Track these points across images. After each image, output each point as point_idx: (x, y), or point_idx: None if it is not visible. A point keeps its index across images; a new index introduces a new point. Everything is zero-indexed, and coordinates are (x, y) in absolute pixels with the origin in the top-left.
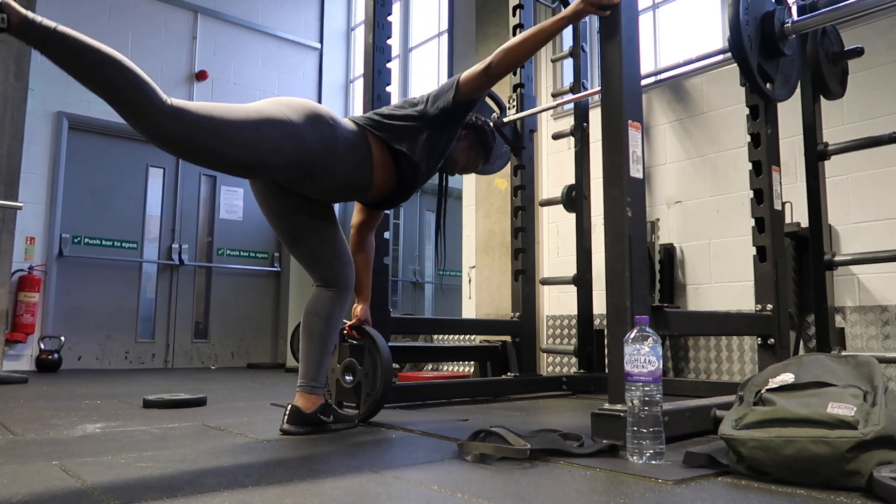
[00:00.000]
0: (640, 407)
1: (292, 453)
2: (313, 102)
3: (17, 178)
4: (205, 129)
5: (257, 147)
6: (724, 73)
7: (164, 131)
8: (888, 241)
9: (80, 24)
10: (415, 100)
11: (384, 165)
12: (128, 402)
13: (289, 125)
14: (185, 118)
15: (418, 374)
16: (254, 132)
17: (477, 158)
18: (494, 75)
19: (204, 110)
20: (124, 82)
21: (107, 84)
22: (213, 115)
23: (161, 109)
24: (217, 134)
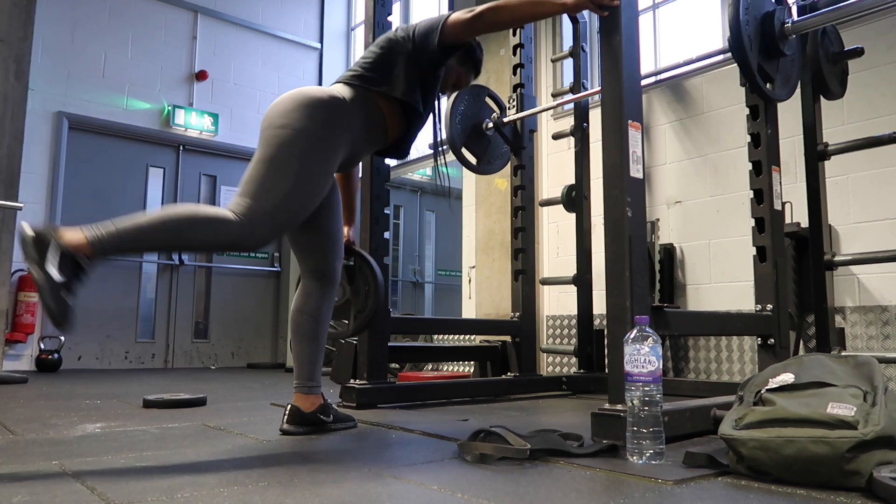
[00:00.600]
0: (640, 407)
1: (292, 453)
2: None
3: (17, 178)
4: (278, 215)
5: (316, 184)
6: (724, 73)
7: (252, 240)
8: (888, 241)
9: (80, 24)
10: (399, 35)
11: (393, 116)
12: (128, 402)
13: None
14: (258, 218)
15: (418, 374)
16: (307, 180)
17: (467, 73)
18: (480, 28)
19: (265, 197)
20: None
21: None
22: (275, 197)
23: (237, 229)
24: (289, 208)
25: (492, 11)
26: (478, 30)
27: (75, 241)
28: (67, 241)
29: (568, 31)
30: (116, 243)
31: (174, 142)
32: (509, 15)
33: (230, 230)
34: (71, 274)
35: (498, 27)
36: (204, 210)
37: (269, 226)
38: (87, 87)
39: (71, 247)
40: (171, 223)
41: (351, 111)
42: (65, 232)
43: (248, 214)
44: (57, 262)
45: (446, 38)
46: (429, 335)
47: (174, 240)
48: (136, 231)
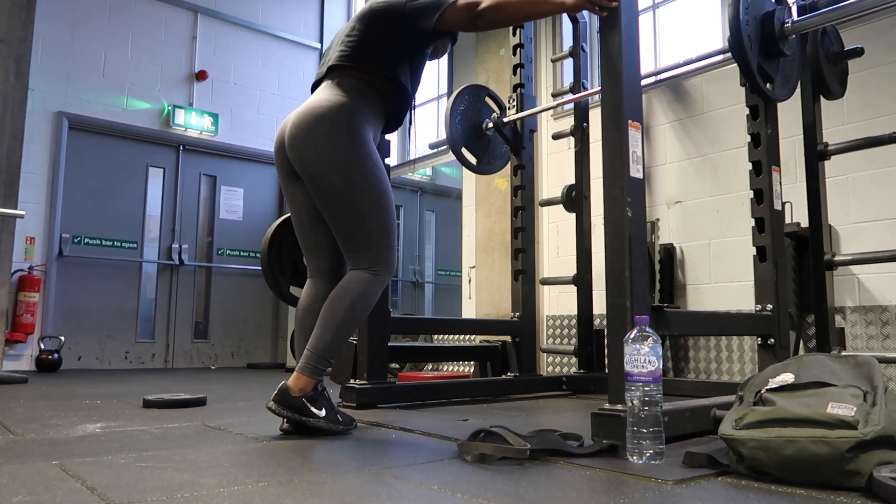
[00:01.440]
0: (640, 407)
1: (292, 453)
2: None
3: (17, 178)
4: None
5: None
6: (724, 73)
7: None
8: (888, 241)
9: (79, 24)
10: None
11: (386, 91)
12: (128, 402)
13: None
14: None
15: (418, 374)
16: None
17: (444, 42)
18: (481, 24)
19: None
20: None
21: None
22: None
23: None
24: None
25: (494, 8)
26: (478, 26)
27: (307, 385)
28: (303, 389)
29: (568, 31)
30: (322, 362)
31: (174, 142)
32: (511, 13)
33: (378, 287)
34: (326, 402)
35: (499, 24)
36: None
37: (393, 254)
38: (87, 87)
39: (310, 390)
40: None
41: (360, 107)
42: (295, 384)
43: (379, 264)
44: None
45: (444, 24)
46: (429, 335)
47: (354, 326)
48: (326, 344)
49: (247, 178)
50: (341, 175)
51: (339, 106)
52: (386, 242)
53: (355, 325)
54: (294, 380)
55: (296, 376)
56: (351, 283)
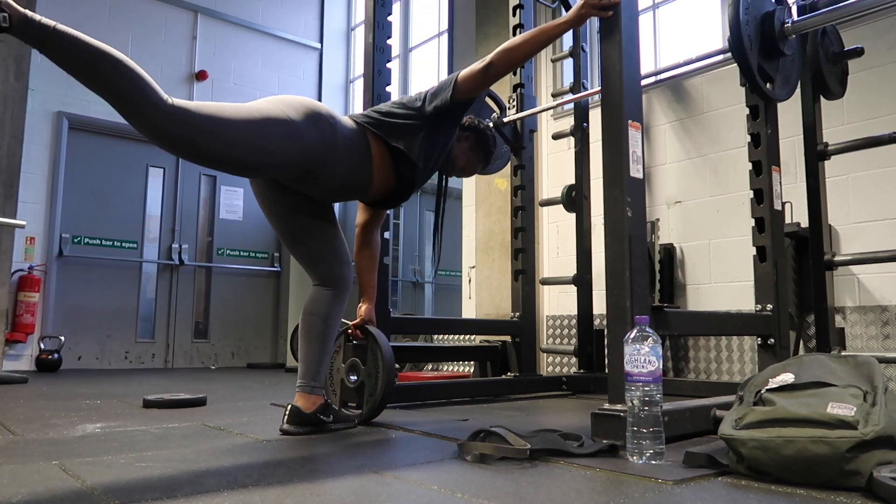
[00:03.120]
0: (640, 407)
1: (292, 453)
2: (312, 100)
3: (17, 178)
4: (206, 130)
5: (258, 147)
6: (724, 73)
7: (166, 132)
8: (888, 241)
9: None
10: (413, 97)
11: (383, 164)
12: (128, 402)
13: (289, 124)
14: (186, 119)
15: (418, 374)
16: (255, 132)
17: (477, 162)
18: (493, 75)
19: (205, 110)
20: (125, 82)
21: (107, 84)
22: (213, 115)
23: (162, 110)
24: (218, 135)
25: (502, 56)
26: (492, 77)
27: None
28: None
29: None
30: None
31: None
32: (520, 53)
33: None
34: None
35: (510, 68)
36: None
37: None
38: None
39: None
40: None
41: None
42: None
43: (178, 107)
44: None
45: (460, 92)
46: (429, 335)
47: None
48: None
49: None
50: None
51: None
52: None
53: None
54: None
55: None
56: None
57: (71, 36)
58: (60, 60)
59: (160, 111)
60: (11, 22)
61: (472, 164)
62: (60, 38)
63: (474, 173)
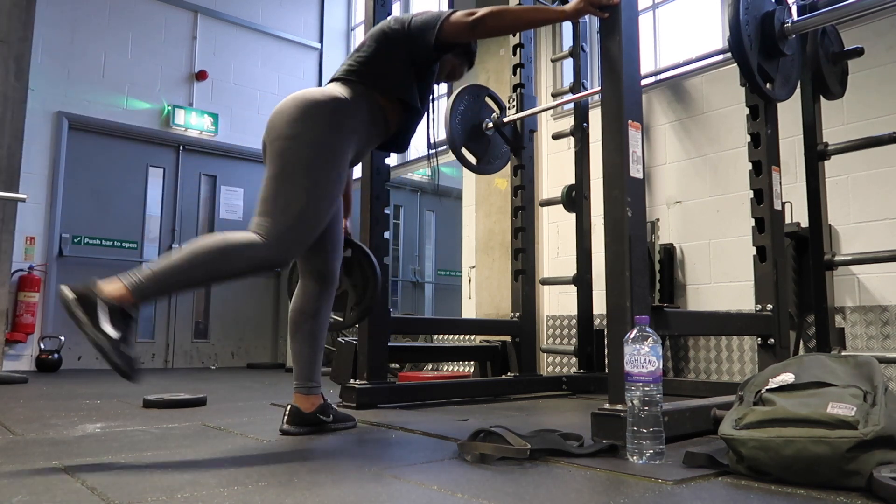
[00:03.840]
0: (640, 407)
1: (292, 453)
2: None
3: (17, 178)
4: (300, 227)
5: (329, 191)
6: (724, 73)
7: (286, 256)
8: (888, 241)
9: (80, 24)
10: (391, 29)
11: (391, 110)
12: (128, 402)
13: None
14: (284, 236)
15: (418, 374)
16: (321, 190)
17: (461, 65)
18: (480, 32)
19: (284, 214)
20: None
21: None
22: (295, 213)
23: (266, 249)
24: (309, 220)
25: (493, 17)
26: (478, 34)
27: (117, 293)
28: (109, 294)
29: (568, 31)
30: (155, 287)
31: (174, 142)
32: (510, 21)
33: (259, 253)
34: (124, 327)
35: (498, 32)
36: (232, 238)
37: (294, 241)
38: (87, 87)
39: (116, 300)
40: (204, 257)
41: (354, 111)
42: (104, 285)
43: (273, 234)
44: (108, 318)
45: (444, 37)
46: (429, 335)
47: (210, 273)
48: (171, 271)
49: (247, 178)
50: (293, 144)
51: (332, 98)
52: (291, 221)
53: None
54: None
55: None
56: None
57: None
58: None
59: (268, 251)
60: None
61: (456, 68)
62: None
63: (462, 76)
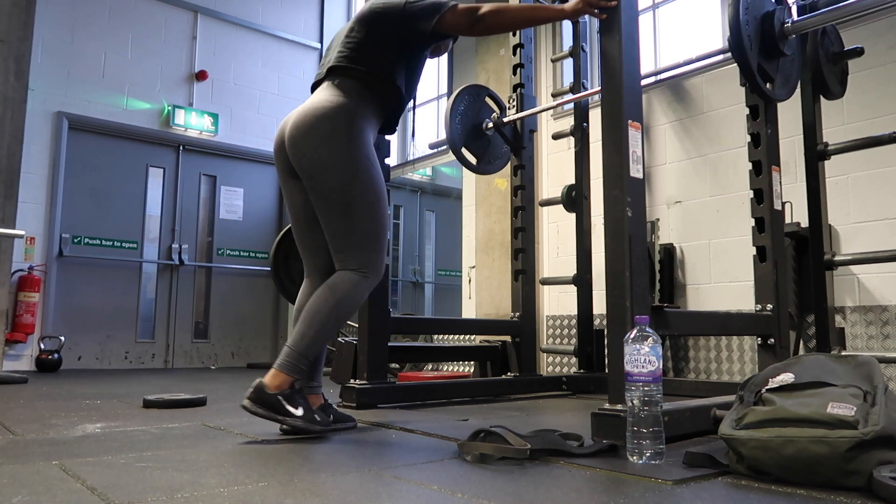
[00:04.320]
0: (640, 407)
1: (292, 453)
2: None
3: (17, 178)
4: (383, 244)
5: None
6: (724, 73)
7: (380, 278)
8: (888, 241)
9: (79, 24)
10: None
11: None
12: (128, 402)
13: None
14: (374, 262)
15: (418, 374)
16: (381, 201)
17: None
18: (480, 29)
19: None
20: (347, 313)
21: (345, 321)
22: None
23: (369, 282)
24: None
25: (494, 14)
26: (478, 31)
27: (283, 382)
28: (278, 386)
29: (568, 31)
30: (304, 359)
31: (174, 142)
32: (510, 19)
33: (365, 289)
34: (301, 401)
35: (498, 30)
36: (340, 290)
37: (382, 258)
38: (87, 87)
39: (284, 387)
40: (327, 320)
41: (358, 108)
42: (270, 381)
43: (367, 265)
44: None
45: (443, 27)
46: (429, 335)
47: (338, 325)
48: (307, 342)
49: (247, 178)
50: (337, 175)
51: (340, 107)
52: (376, 245)
53: (338, 326)
54: (271, 377)
55: (273, 373)
56: (338, 282)
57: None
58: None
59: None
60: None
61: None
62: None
63: (447, 51)
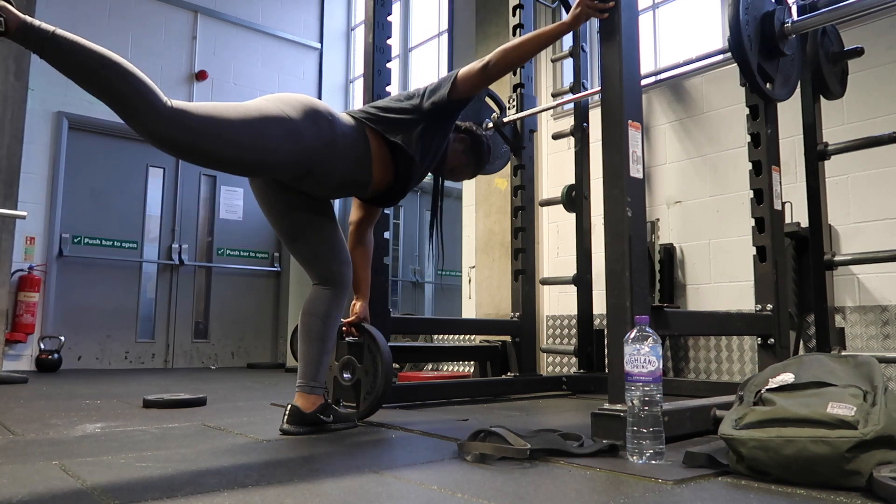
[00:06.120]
0: (640, 407)
1: (292, 453)
2: (311, 98)
3: (17, 178)
4: (205, 132)
5: (257, 147)
6: (724, 73)
7: (165, 135)
8: (888, 241)
9: (79, 25)
10: (412, 93)
11: (382, 160)
12: (128, 402)
13: (288, 122)
14: (184, 121)
15: (418, 374)
16: (253, 132)
17: (467, 165)
18: (492, 75)
19: (203, 111)
20: (124, 86)
21: (107, 88)
22: (212, 116)
23: (161, 113)
24: (217, 136)
25: (501, 57)
26: (490, 77)
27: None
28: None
29: None
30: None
31: None
32: (516, 55)
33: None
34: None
35: (509, 69)
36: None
37: (183, 132)
38: None
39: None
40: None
41: (336, 124)
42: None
43: (177, 108)
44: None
45: (458, 90)
46: (429, 335)
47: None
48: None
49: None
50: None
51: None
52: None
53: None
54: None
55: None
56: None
57: (70, 41)
58: (60, 65)
59: (159, 114)
60: (8, 27)
61: (462, 166)
62: (59, 44)
63: (464, 178)
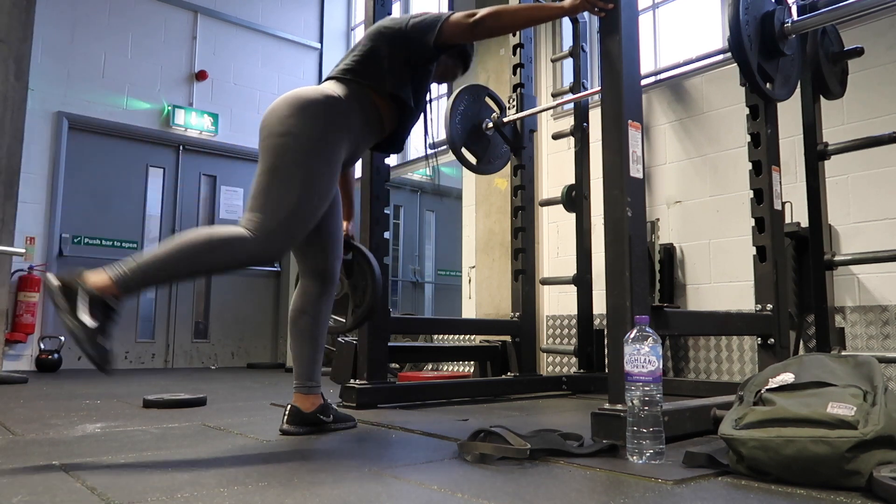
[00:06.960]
0: (640, 407)
1: (292, 453)
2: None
3: (17, 178)
4: (289, 224)
5: (321, 185)
6: (724, 73)
7: (274, 251)
8: (888, 241)
9: (79, 25)
10: (388, 30)
11: (386, 108)
12: (128, 402)
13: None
14: (270, 231)
15: (418, 374)
16: (307, 186)
17: (455, 66)
18: (480, 33)
19: (272, 210)
20: (216, 259)
21: (210, 271)
22: (285, 209)
23: (256, 244)
24: (294, 215)
25: (492, 17)
26: (478, 35)
27: (101, 284)
28: (94, 284)
29: (568, 31)
30: (140, 278)
31: (174, 142)
32: (509, 20)
33: (247, 248)
34: (103, 318)
35: (498, 32)
36: (219, 232)
37: (284, 237)
38: (87, 87)
39: (98, 290)
40: (190, 250)
41: (348, 109)
42: (89, 275)
43: (262, 230)
44: (87, 308)
45: (444, 38)
46: (429, 335)
47: (195, 266)
48: (157, 263)
49: (247, 178)
50: (285, 140)
51: (325, 95)
52: (281, 217)
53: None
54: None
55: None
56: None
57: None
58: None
59: (256, 245)
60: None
61: (450, 70)
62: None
63: (455, 79)
